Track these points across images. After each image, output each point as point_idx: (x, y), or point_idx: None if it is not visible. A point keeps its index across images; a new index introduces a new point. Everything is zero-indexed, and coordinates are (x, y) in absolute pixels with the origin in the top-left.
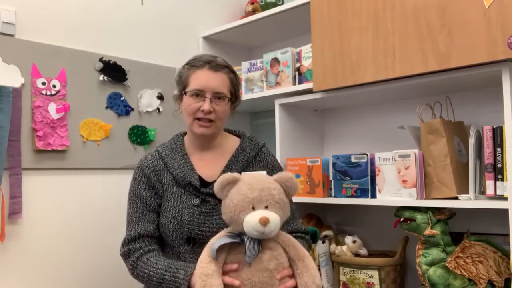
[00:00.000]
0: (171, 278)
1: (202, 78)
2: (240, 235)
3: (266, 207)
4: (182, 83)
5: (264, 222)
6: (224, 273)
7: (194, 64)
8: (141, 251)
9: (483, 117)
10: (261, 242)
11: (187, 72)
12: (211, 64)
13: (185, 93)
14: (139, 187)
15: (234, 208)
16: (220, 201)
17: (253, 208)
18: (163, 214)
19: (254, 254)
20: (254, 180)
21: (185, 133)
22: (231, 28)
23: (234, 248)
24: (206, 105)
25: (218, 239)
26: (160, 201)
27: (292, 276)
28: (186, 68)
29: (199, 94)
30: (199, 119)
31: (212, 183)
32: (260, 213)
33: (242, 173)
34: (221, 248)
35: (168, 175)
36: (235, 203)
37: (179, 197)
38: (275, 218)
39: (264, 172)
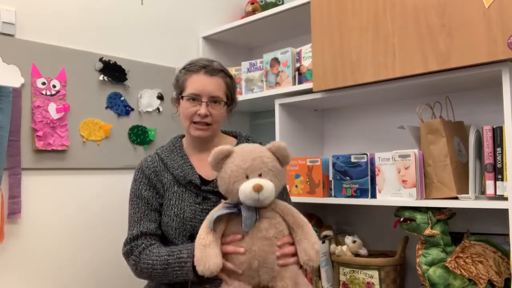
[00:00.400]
0: (175, 260)
1: (198, 83)
2: (237, 205)
3: (260, 175)
4: (179, 87)
5: (258, 188)
6: (225, 243)
7: (190, 68)
8: (143, 245)
9: (483, 117)
10: (259, 211)
11: (184, 77)
12: (207, 68)
13: (182, 97)
14: (140, 187)
15: (229, 180)
16: (220, 198)
17: (247, 177)
18: (165, 213)
19: (251, 223)
20: (246, 150)
21: (183, 136)
22: (231, 28)
23: (233, 219)
24: (202, 110)
25: (216, 211)
26: (161, 201)
27: (292, 243)
28: (182, 72)
29: (195, 98)
30: (195, 122)
31: (212, 181)
32: (253, 181)
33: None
34: (219, 220)
35: (169, 175)
36: (229, 174)
37: (181, 196)
38: (269, 185)
39: None
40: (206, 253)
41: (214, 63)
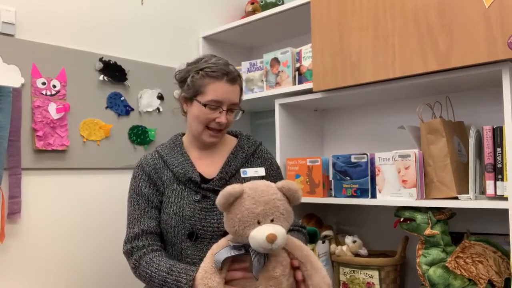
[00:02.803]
0: (173, 281)
1: (221, 91)
2: (244, 246)
3: (272, 221)
4: (196, 90)
5: (272, 240)
6: (232, 270)
7: (212, 74)
8: (144, 250)
9: (483, 117)
10: (267, 253)
11: (203, 80)
12: (229, 76)
13: (204, 105)
14: (140, 184)
15: (239, 223)
16: None
17: (259, 222)
18: (164, 210)
19: (261, 268)
20: (258, 192)
21: (183, 134)
22: (231, 28)
23: (238, 258)
24: (223, 118)
25: (223, 250)
26: (161, 198)
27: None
28: (201, 74)
29: (217, 106)
30: (210, 128)
31: (212, 179)
32: (266, 230)
33: (244, 184)
34: (225, 259)
35: (168, 172)
36: (240, 218)
37: (180, 194)
38: (282, 233)
39: (263, 169)
40: None
41: (231, 67)
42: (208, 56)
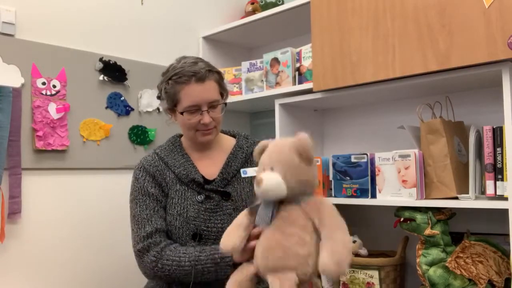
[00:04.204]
0: (208, 257)
1: (194, 94)
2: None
3: (272, 169)
4: (172, 100)
5: (257, 182)
6: (252, 236)
7: (180, 80)
8: (165, 242)
9: (483, 117)
10: (279, 206)
11: (174, 88)
12: (197, 76)
13: (181, 113)
14: (145, 185)
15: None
16: (223, 198)
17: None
18: (168, 211)
19: (263, 218)
20: (272, 145)
21: (181, 135)
22: (231, 28)
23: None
24: (206, 119)
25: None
26: (166, 199)
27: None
28: (171, 84)
29: (195, 110)
30: (199, 130)
31: (214, 180)
32: (259, 175)
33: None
34: (253, 212)
35: (170, 173)
36: (257, 170)
37: (183, 194)
38: (271, 178)
39: None
40: (233, 231)
41: (200, 64)
42: (177, 60)
